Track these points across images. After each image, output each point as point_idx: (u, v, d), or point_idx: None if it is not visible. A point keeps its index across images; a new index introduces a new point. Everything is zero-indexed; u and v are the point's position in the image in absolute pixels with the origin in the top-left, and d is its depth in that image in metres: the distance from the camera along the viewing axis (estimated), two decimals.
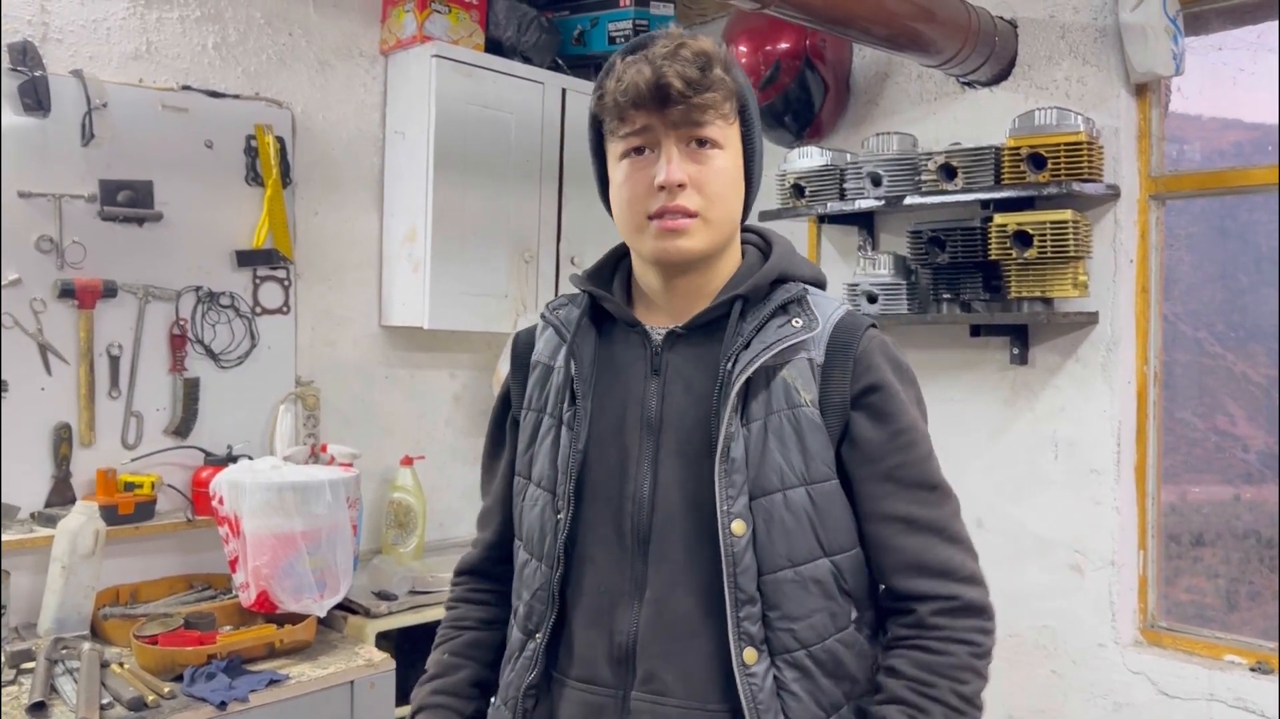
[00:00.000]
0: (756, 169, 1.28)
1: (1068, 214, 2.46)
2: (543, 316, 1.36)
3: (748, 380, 1.20)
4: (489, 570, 1.43)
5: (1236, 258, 2.54)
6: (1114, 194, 2.57)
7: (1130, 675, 2.56)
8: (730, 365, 1.20)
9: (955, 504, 1.25)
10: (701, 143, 1.20)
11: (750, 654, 1.17)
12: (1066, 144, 2.46)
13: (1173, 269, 2.63)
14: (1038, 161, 2.50)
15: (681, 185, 1.18)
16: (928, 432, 1.26)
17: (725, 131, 1.21)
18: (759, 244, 1.34)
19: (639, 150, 1.21)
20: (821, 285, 1.34)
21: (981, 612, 1.22)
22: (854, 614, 1.23)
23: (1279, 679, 2.36)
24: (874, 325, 1.28)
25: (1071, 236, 2.46)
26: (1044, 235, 2.47)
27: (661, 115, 1.18)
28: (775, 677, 1.18)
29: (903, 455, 1.22)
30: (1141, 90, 2.63)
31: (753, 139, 1.26)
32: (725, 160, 1.21)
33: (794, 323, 1.22)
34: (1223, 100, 2.58)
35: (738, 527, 1.17)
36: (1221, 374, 2.56)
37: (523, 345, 1.38)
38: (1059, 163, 2.47)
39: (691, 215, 1.19)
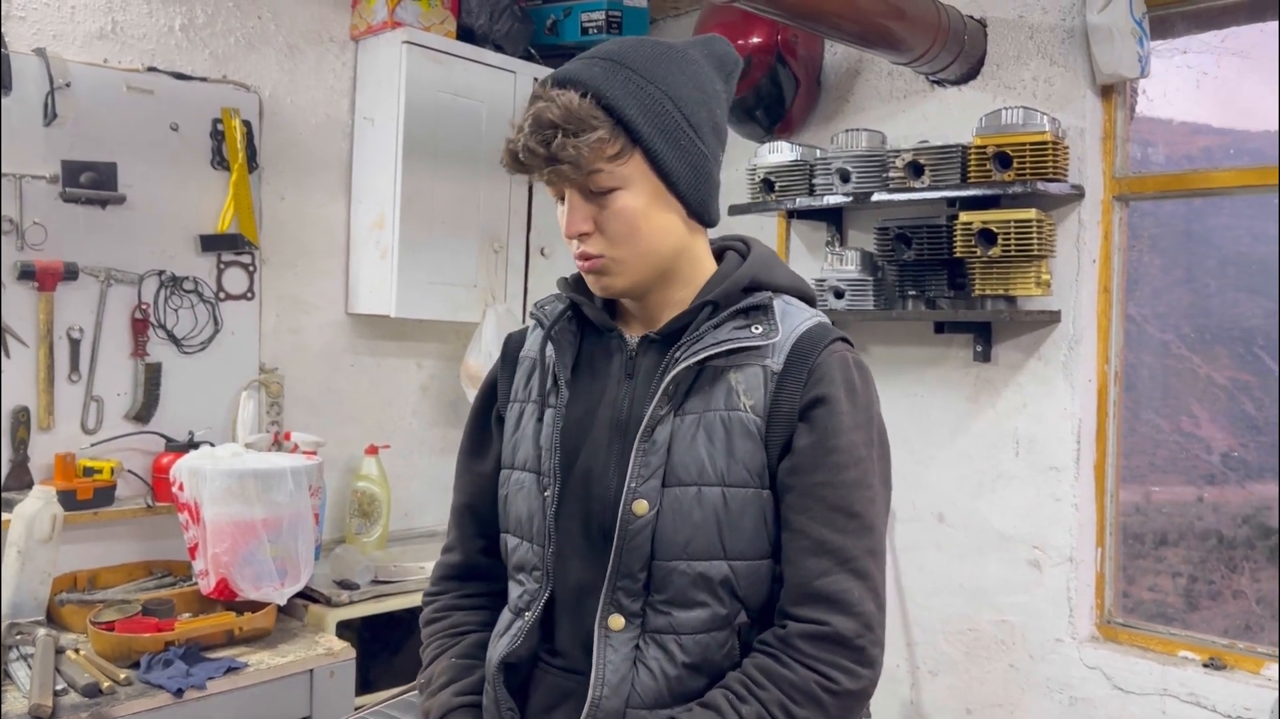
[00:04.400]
0: (685, 184, 1.25)
1: (1032, 213, 2.48)
2: (531, 314, 1.40)
3: (696, 376, 1.23)
4: (476, 571, 1.43)
5: (1203, 261, 2.57)
6: (1078, 194, 2.60)
7: (1086, 670, 2.59)
8: (677, 354, 1.23)
9: (874, 541, 1.21)
10: (597, 190, 1.21)
11: (616, 620, 1.22)
12: (1032, 143, 2.48)
13: (1140, 272, 2.66)
14: (1004, 160, 2.52)
15: (584, 234, 1.23)
16: (872, 463, 1.23)
17: (619, 172, 1.20)
18: (742, 250, 1.35)
19: (557, 195, 1.26)
20: (805, 296, 1.34)
21: (853, 649, 1.16)
22: (741, 618, 1.22)
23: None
24: (845, 341, 1.28)
25: (1035, 235, 2.48)
26: (1008, 234, 2.50)
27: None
28: (638, 646, 1.22)
29: (829, 475, 1.20)
30: (1107, 92, 2.65)
31: (662, 162, 1.22)
32: (628, 199, 1.21)
33: (753, 329, 1.24)
34: (1187, 104, 2.60)
35: (639, 506, 1.20)
36: (1186, 376, 2.59)
37: (514, 343, 1.42)
38: (1024, 162, 2.49)
39: (599, 256, 1.23)
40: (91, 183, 2.50)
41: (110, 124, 2.54)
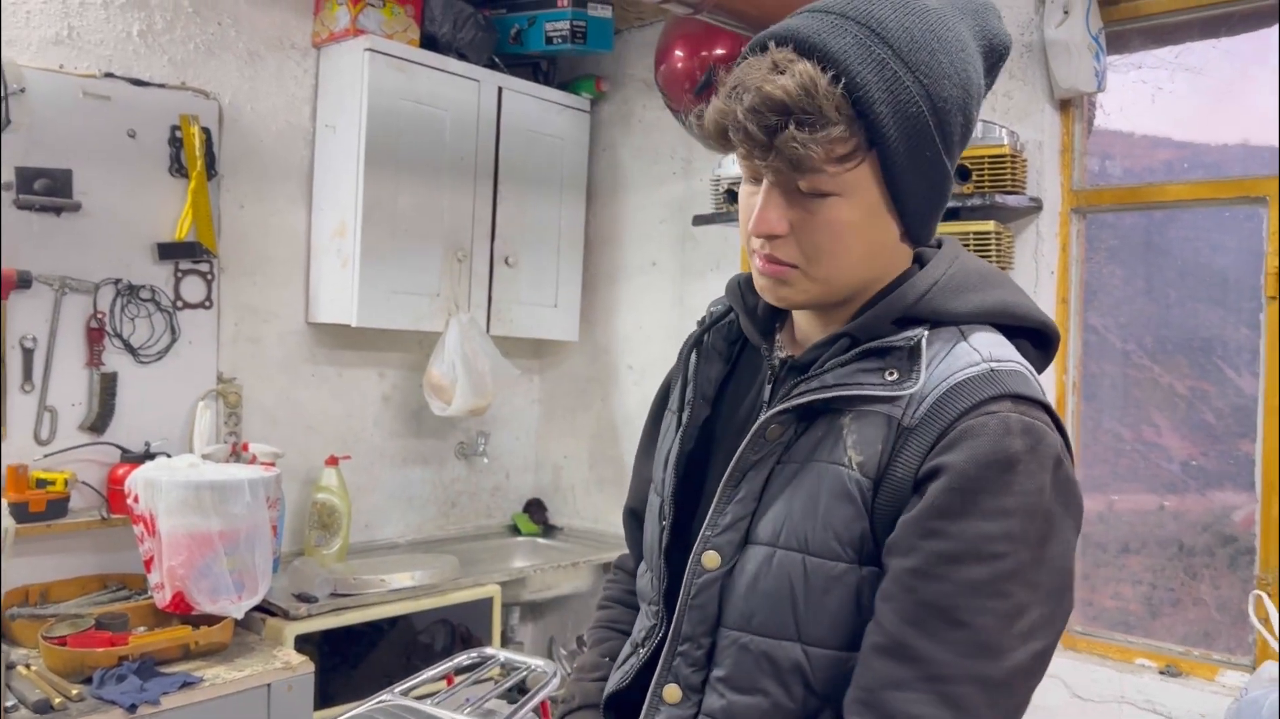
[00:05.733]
0: (914, 204, 1.00)
1: (990, 225, 2.51)
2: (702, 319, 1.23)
3: (813, 418, 1.02)
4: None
5: (1163, 272, 2.61)
6: (1036, 206, 2.62)
7: (1046, 679, 2.60)
8: (794, 391, 1.03)
9: (994, 668, 0.91)
10: (809, 191, 0.97)
11: (672, 692, 1.05)
12: (991, 157, 2.51)
13: (1102, 282, 2.69)
14: (962, 173, 2.54)
15: (774, 236, 0.99)
16: (1019, 567, 0.91)
17: (843, 178, 0.95)
18: (928, 260, 1.08)
19: (753, 176, 1.01)
20: (1018, 327, 1.06)
21: None
22: (825, 715, 1.00)
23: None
24: (1021, 399, 0.95)
25: (994, 248, 2.50)
26: (967, 246, 2.52)
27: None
28: None
29: (927, 563, 0.91)
30: (1065, 106, 2.68)
31: (897, 176, 0.96)
32: (843, 210, 0.97)
33: (886, 375, 0.98)
34: (1144, 118, 2.64)
35: (709, 559, 1.03)
36: (1147, 385, 2.62)
37: (690, 341, 1.23)
38: (983, 175, 2.52)
39: (791, 266, 1.00)
40: (46, 190, 2.46)
41: (66, 130, 2.50)
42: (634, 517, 1.32)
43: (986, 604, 0.90)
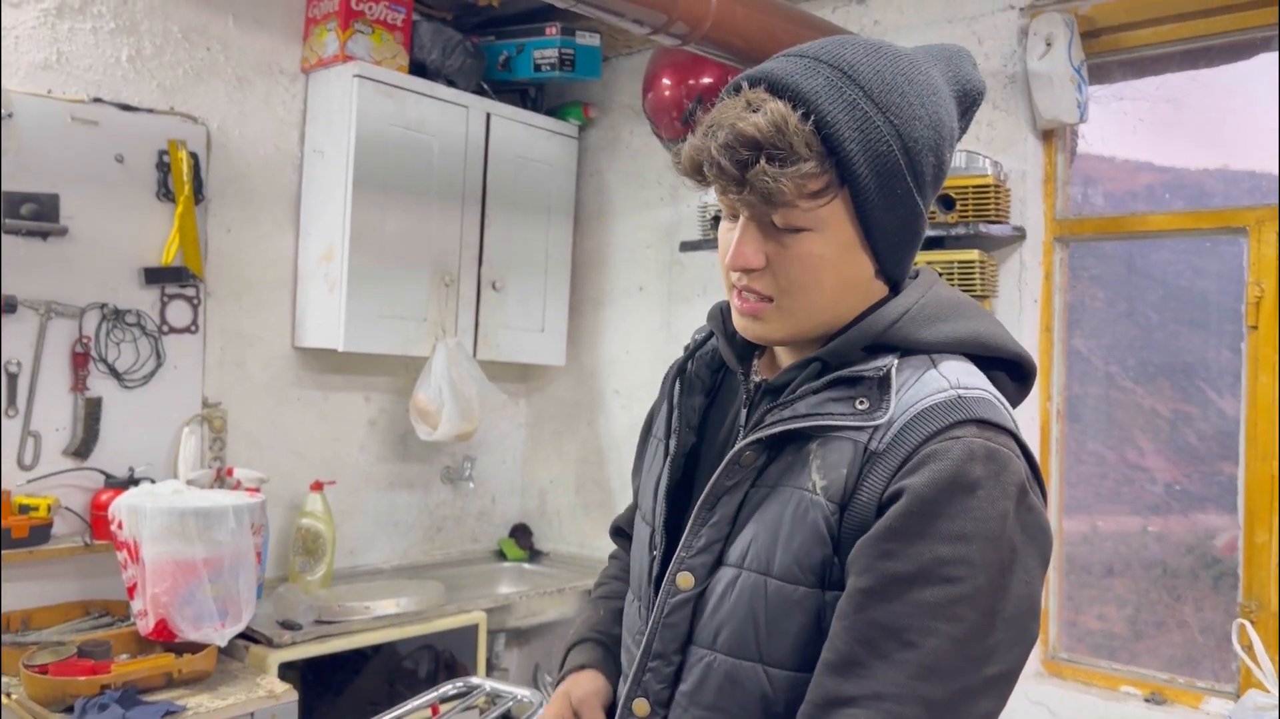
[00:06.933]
0: (887, 241, 1.02)
1: (975, 254, 2.53)
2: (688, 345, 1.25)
3: (786, 442, 1.03)
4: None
5: (1145, 295, 2.63)
6: (1020, 235, 2.65)
7: (1031, 705, 2.61)
8: (766, 417, 1.05)
9: (942, 689, 0.90)
10: (784, 226, 1.00)
11: (641, 706, 1.07)
12: (975, 186, 2.53)
13: (1086, 305, 2.71)
14: (947, 203, 2.56)
15: (750, 269, 1.02)
16: (977, 592, 0.91)
17: (816, 213, 0.98)
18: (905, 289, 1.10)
19: (731, 213, 1.04)
20: (989, 357, 1.07)
21: None
22: None
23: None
24: (987, 425, 0.96)
25: (978, 276, 2.53)
26: (951, 275, 2.54)
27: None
28: None
29: (879, 582, 0.92)
30: (1048, 136, 2.71)
31: (869, 213, 1.00)
32: (816, 245, 0.99)
33: (856, 404, 1.00)
34: (1124, 148, 2.68)
35: (684, 579, 1.05)
36: (1130, 408, 2.64)
37: (674, 369, 1.24)
38: (967, 204, 2.54)
39: (767, 299, 1.03)
40: (33, 214, 2.46)
41: (53, 155, 2.50)
42: (623, 538, 1.35)
43: (938, 627, 0.90)
